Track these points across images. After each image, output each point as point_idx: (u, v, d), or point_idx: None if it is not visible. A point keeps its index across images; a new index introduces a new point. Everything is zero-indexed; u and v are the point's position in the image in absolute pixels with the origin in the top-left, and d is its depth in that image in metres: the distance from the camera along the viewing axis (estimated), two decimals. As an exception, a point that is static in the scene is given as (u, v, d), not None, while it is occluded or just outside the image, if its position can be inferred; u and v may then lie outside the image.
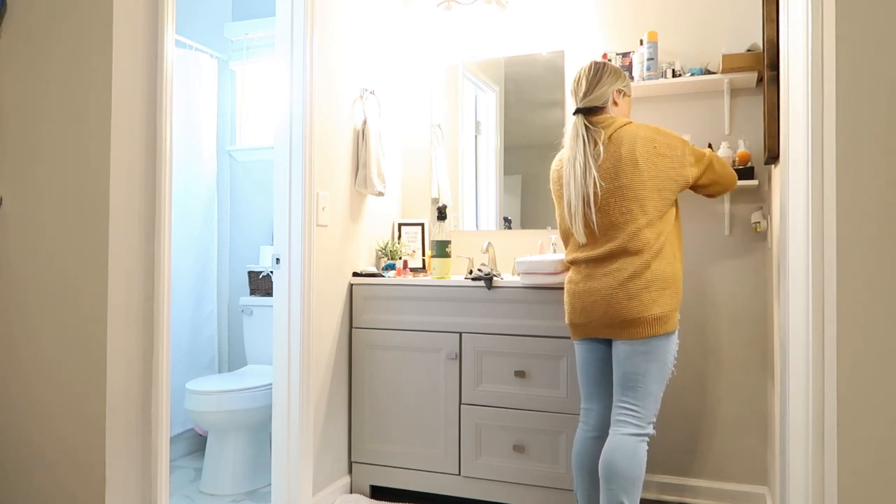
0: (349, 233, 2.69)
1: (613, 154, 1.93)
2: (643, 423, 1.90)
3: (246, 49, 3.42)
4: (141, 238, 1.82)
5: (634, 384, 1.91)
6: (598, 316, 1.94)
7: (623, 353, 1.93)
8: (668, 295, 1.90)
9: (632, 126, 1.97)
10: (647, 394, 1.90)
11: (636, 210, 1.90)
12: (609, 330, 1.94)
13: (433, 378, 2.54)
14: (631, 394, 1.91)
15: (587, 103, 2.02)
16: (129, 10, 1.78)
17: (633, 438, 1.89)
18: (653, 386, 1.90)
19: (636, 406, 1.91)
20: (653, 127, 1.98)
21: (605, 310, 1.92)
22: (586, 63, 2.09)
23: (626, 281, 1.89)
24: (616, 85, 2.04)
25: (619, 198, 1.91)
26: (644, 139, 1.93)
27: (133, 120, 1.79)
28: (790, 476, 1.49)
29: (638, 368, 1.90)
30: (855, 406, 1.35)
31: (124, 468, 1.76)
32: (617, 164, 1.92)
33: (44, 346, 1.81)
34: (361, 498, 2.59)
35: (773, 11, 2.02)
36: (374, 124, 2.73)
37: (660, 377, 1.91)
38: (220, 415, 2.65)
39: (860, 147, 1.35)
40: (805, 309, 1.44)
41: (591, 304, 1.95)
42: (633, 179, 1.90)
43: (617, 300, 1.90)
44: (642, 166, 1.90)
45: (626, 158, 1.91)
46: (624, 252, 1.91)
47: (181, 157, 3.10)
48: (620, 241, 1.91)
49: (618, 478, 1.86)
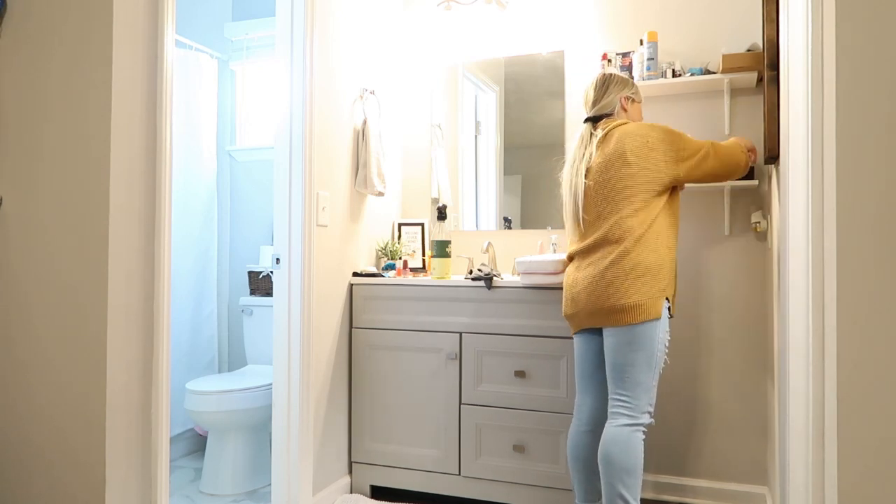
0: (349, 233, 2.69)
1: (604, 151, 2.02)
2: (636, 413, 1.92)
3: (246, 49, 3.42)
4: (141, 238, 1.82)
5: (622, 374, 1.93)
6: (583, 305, 2.01)
7: (610, 344, 1.97)
8: (647, 283, 1.92)
9: (628, 125, 2.04)
10: (637, 383, 1.92)
11: (622, 201, 1.96)
12: (593, 318, 2.00)
13: (433, 378, 2.54)
14: (621, 385, 1.94)
15: (596, 112, 2.13)
16: (129, 10, 1.78)
17: (626, 429, 1.91)
18: (641, 375, 1.92)
19: (627, 396, 1.93)
20: (648, 124, 2.04)
21: (587, 298, 1.99)
22: (602, 72, 2.20)
23: (605, 269, 1.94)
24: (623, 92, 2.13)
25: (607, 190, 1.99)
26: (635, 135, 2.00)
27: (133, 120, 1.79)
28: (790, 476, 1.49)
29: (625, 359, 1.93)
30: (855, 406, 1.35)
31: (124, 468, 1.76)
32: (607, 160, 2.00)
33: (44, 345, 1.81)
34: (361, 498, 2.59)
35: (773, 11, 2.02)
36: (374, 124, 2.73)
37: (648, 366, 1.92)
38: (220, 415, 2.65)
39: (860, 147, 1.35)
40: (805, 309, 1.44)
41: (577, 293, 2.03)
42: (621, 172, 1.97)
43: (597, 288, 1.96)
44: (631, 160, 1.97)
45: (615, 153, 1.99)
46: (605, 241, 1.97)
47: (181, 157, 3.10)
48: (603, 231, 1.98)
49: (614, 469, 1.88)
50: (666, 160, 1.98)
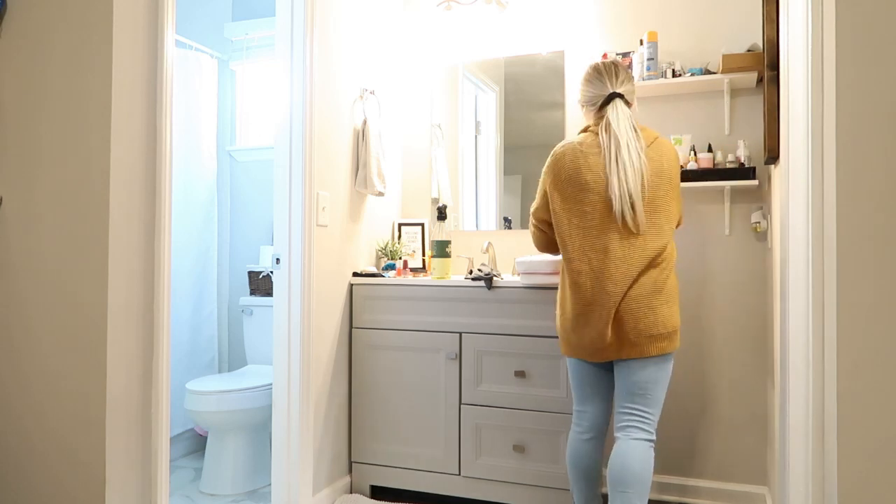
0: (349, 233, 2.69)
1: (655, 165, 1.90)
2: (650, 429, 1.92)
3: (246, 49, 3.42)
4: (141, 238, 1.82)
5: (644, 392, 1.92)
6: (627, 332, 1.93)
7: (635, 365, 1.92)
8: (677, 308, 1.93)
9: (664, 140, 1.97)
10: (656, 401, 1.93)
11: (665, 225, 1.90)
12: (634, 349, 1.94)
13: (433, 378, 2.54)
14: (641, 401, 1.92)
15: (624, 91, 1.97)
16: (129, 10, 1.78)
17: (643, 443, 1.89)
18: (660, 393, 1.94)
19: (645, 412, 1.92)
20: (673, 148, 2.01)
21: (634, 325, 1.90)
22: (608, 59, 2.10)
23: (651, 294, 1.88)
24: (634, 87, 2.06)
25: (652, 209, 1.89)
26: (676, 160, 1.97)
27: (133, 120, 1.79)
28: (790, 476, 1.49)
29: (649, 377, 1.91)
30: (855, 406, 1.35)
31: (124, 468, 1.76)
32: (658, 176, 1.90)
33: (43, 345, 1.81)
34: (361, 498, 2.59)
35: (773, 11, 2.02)
36: (374, 124, 2.73)
37: (665, 385, 1.95)
38: (220, 415, 2.65)
39: (860, 147, 1.35)
40: (805, 309, 1.44)
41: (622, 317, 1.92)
42: (668, 195, 1.91)
43: (645, 315, 1.89)
44: (675, 185, 1.94)
45: (665, 173, 1.91)
46: (651, 265, 1.89)
47: (181, 157, 3.10)
48: (651, 253, 1.87)
49: (634, 482, 1.85)
50: (677, 195, 1.99)
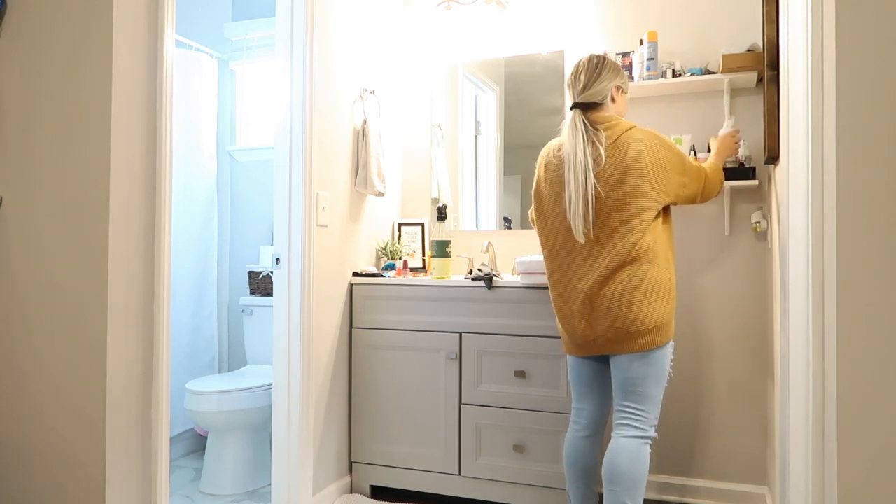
0: (349, 233, 2.69)
1: (618, 161, 1.86)
2: (645, 427, 1.90)
3: (246, 49, 3.42)
4: (141, 238, 1.82)
5: (634, 388, 1.90)
6: (603, 332, 1.92)
7: (622, 361, 1.92)
8: (664, 303, 1.88)
9: (636, 131, 1.90)
10: (648, 397, 1.90)
11: (636, 220, 1.85)
12: (613, 345, 1.93)
13: (433, 378, 2.54)
14: (632, 398, 1.91)
15: (585, 98, 1.95)
16: (129, 10, 1.78)
17: (635, 441, 1.89)
18: (652, 389, 1.91)
19: (637, 409, 1.90)
20: (656, 135, 1.92)
21: (609, 323, 1.90)
22: (585, 56, 2.02)
23: (626, 292, 1.86)
24: (615, 81, 1.98)
25: (621, 207, 1.85)
26: (650, 149, 1.87)
27: (133, 120, 1.79)
28: (790, 476, 1.49)
29: (637, 374, 1.89)
30: (855, 406, 1.35)
31: (124, 468, 1.76)
32: (622, 172, 1.85)
33: (43, 346, 1.81)
34: (361, 498, 2.59)
35: (773, 11, 2.02)
36: (374, 124, 2.73)
37: (658, 381, 1.92)
38: (220, 415, 2.65)
39: (860, 147, 1.35)
40: (805, 309, 1.44)
41: (594, 318, 1.93)
42: (637, 188, 1.84)
43: (619, 313, 1.87)
44: (647, 177, 1.85)
45: (631, 167, 1.85)
46: (622, 263, 1.86)
47: (181, 157, 3.10)
48: (619, 253, 1.86)
49: (622, 480, 1.85)
50: (672, 181, 1.91)
